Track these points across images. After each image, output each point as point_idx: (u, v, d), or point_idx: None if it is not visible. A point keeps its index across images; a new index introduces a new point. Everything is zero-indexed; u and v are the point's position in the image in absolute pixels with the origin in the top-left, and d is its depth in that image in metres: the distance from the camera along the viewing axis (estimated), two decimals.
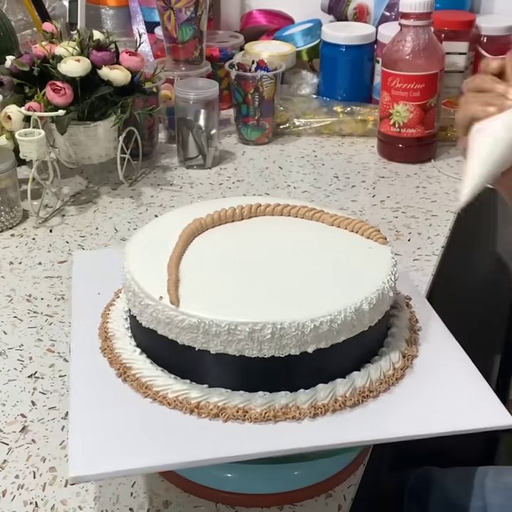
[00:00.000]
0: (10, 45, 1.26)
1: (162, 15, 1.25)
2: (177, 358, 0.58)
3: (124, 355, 0.61)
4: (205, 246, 0.64)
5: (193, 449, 0.53)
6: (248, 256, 0.63)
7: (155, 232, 0.67)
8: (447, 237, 1.01)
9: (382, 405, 0.57)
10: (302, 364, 0.56)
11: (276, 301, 0.56)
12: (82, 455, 0.52)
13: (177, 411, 0.56)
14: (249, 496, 0.61)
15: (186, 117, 1.18)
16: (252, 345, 0.54)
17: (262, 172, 1.20)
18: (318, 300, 0.56)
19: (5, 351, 0.79)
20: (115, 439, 0.54)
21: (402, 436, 0.55)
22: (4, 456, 0.66)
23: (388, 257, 0.63)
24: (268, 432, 0.54)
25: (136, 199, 1.12)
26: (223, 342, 0.54)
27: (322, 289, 0.58)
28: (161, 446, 0.53)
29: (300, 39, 1.43)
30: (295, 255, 0.63)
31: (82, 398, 0.57)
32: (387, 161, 1.23)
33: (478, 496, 0.79)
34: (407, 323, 0.65)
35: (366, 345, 0.60)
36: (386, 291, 0.58)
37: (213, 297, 0.57)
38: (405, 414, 0.57)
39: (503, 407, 0.56)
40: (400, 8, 1.14)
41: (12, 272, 0.94)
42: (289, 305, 0.56)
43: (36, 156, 1.00)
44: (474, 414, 0.56)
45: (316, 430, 0.54)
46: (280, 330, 0.53)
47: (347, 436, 0.55)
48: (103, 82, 1.04)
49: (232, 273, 0.60)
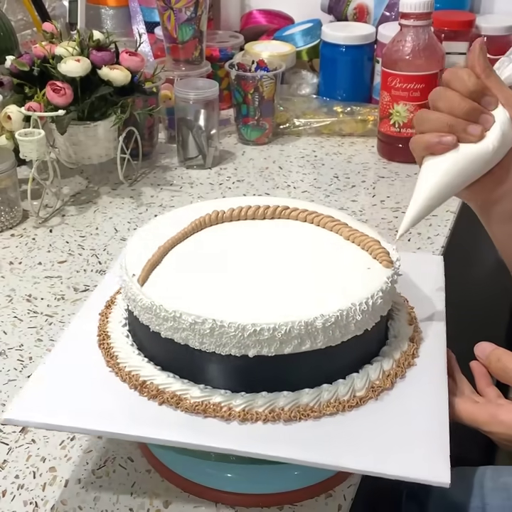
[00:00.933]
0: (10, 45, 1.26)
1: (162, 15, 1.25)
2: (140, 334, 0.61)
3: (115, 344, 0.62)
4: (207, 239, 0.65)
5: (121, 422, 0.55)
6: (239, 256, 0.63)
7: (156, 230, 0.67)
8: (447, 237, 1.01)
9: (332, 426, 0.55)
10: (260, 367, 0.56)
11: (238, 301, 0.56)
12: (24, 402, 0.57)
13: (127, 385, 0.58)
14: (249, 496, 0.61)
15: (186, 117, 1.18)
16: (194, 337, 0.55)
17: (262, 172, 1.20)
18: (283, 306, 0.56)
19: (5, 351, 0.79)
20: (62, 396, 0.57)
21: (324, 464, 0.53)
22: (4, 456, 0.66)
23: (382, 279, 0.59)
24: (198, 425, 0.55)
25: (136, 199, 1.12)
26: (170, 328, 0.56)
27: (295, 295, 0.57)
28: (96, 413, 0.56)
29: (300, 39, 1.43)
30: (285, 260, 0.62)
31: (58, 355, 0.62)
32: (387, 161, 1.23)
33: (477, 496, 0.79)
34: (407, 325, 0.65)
35: (321, 363, 0.57)
36: (345, 316, 0.55)
37: (179, 287, 0.58)
38: (346, 441, 0.54)
39: (448, 464, 0.52)
40: (399, 8, 1.14)
41: (12, 271, 0.94)
42: (249, 306, 0.56)
43: (36, 156, 1.00)
44: (414, 464, 0.52)
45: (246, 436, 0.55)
46: (220, 327, 0.54)
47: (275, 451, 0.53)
48: (103, 82, 1.04)
49: (213, 270, 0.60)
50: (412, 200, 0.65)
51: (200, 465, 0.61)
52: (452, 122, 0.63)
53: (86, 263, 0.95)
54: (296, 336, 0.54)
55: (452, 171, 0.64)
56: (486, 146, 0.63)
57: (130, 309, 0.60)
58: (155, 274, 0.60)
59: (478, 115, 0.63)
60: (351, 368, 0.59)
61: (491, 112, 0.64)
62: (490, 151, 0.63)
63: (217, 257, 0.63)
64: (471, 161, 0.64)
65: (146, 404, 0.57)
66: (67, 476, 0.64)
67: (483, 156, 0.64)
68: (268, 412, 0.55)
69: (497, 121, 0.64)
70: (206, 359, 0.56)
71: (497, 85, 0.64)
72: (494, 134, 0.63)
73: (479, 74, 0.64)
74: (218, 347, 0.55)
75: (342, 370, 0.58)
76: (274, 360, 0.55)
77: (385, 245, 0.64)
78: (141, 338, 0.62)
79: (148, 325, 0.58)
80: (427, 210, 0.66)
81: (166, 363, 0.59)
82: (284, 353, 0.54)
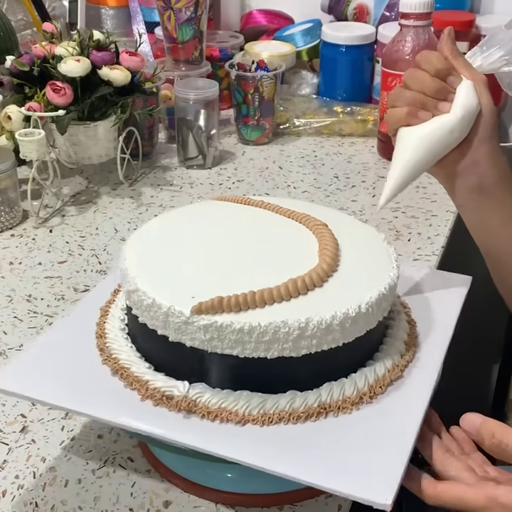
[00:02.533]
0: (10, 45, 1.26)
1: (162, 15, 1.25)
2: (136, 329, 0.61)
3: (113, 345, 0.62)
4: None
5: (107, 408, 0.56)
6: (239, 253, 0.62)
7: (154, 232, 0.67)
8: (447, 237, 1.01)
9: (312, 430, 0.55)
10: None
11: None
12: (15, 372, 0.59)
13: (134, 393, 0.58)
14: (249, 496, 0.61)
15: (186, 117, 1.18)
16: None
17: (262, 172, 1.20)
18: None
19: (5, 351, 0.79)
20: (52, 373, 0.59)
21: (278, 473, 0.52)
22: (4, 456, 0.66)
23: (385, 279, 0.59)
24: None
25: (136, 199, 1.12)
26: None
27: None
28: (79, 394, 0.57)
29: (300, 39, 1.43)
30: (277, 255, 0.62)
31: (55, 335, 0.64)
32: (387, 161, 1.23)
33: None
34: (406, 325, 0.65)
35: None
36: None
37: (176, 283, 0.58)
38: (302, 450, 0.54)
39: (393, 490, 0.49)
40: (399, 8, 1.14)
41: (12, 272, 0.94)
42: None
43: (36, 156, 1.00)
44: (357, 484, 0.51)
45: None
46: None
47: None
48: (103, 82, 1.04)
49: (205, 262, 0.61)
50: (391, 171, 0.70)
51: (200, 465, 0.61)
52: (425, 101, 0.69)
53: (86, 263, 0.95)
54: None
55: (427, 141, 0.69)
56: (454, 117, 0.69)
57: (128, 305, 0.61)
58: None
59: (446, 94, 0.69)
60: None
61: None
62: (456, 119, 0.69)
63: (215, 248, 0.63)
64: (444, 131, 0.69)
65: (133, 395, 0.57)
66: (67, 476, 0.64)
67: (453, 124, 0.69)
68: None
69: (460, 95, 0.69)
70: (207, 359, 0.56)
71: (463, 64, 0.70)
72: (458, 106, 0.69)
73: (447, 55, 0.70)
74: (219, 347, 0.54)
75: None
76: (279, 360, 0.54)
77: (385, 245, 0.64)
78: (134, 331, 0.62)
79: (155, 330, 0.57)
80: (406, 182, 0.70)
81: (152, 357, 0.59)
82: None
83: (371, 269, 0.61)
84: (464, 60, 0.70)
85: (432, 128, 0.69)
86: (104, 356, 0.61)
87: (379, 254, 0.63)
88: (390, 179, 0.69)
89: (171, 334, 0.56)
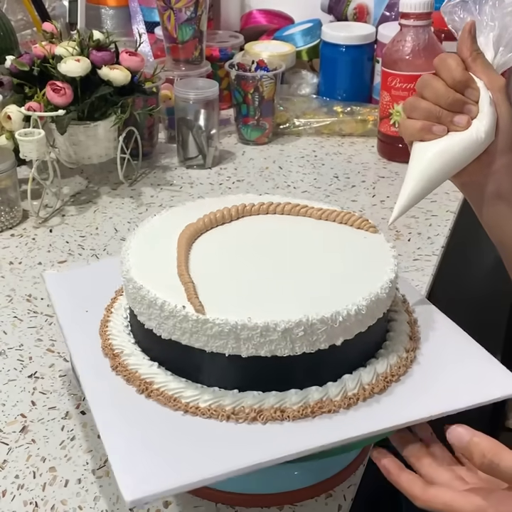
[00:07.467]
0: (10, 45, 1.26)
1: (162, 15, 1.25)
2: (203, 365, 0.57)
3: (141, 370, 0.59)
4: (205, 250, 0.64)
5: (239, 456, 0.52)
6: (249, 257, 0.63)
7: (150, 238, 0.66)
8: (447, 237, 1.01)
9: (404, 391, 0.58)
10: (331, 358, 0.56)
11: (295, 299, 0.57)
12: (131, 477, 0.51)
13: (212, 420, 0.55)
14: (249, 496, 0.61)
15: (186, 117, 1.18)
16: (284, 345, 0.54)
17: (262, 172, 1.20)
18: (334, 295, 0.57)
19: (5, 351, 0.79)
20: (157, 456, 0.52)
21: (429, 416, 0.55)
22: (4, 456, 0.66)
23: (386, 246, 0.64)
24: (304, 430, 0.55)
25: (136, 199, 1.12)
26: (255, 345, 0.54)
27: (331, 285, 0.59)
28: (206, 457, 0.52)
29: (300, 39, 1.43)
30: (296, 253, 0.63)
31: (108, 422, 0.55)
32: (387, 161, 1.23)
33: None
34: (407, 317, 0.65)
35: (370, 342, 0.60)
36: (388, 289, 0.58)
37: (233, 300, 0.57)
38: (426, 396, 0.57)
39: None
40: (399, 8, 1.14)
41: (12, 271, 0.94)
42: (302, 302, 0.56)
43: (36, 156, 1.00)
44: (488, 387, 0.58)
45: (351, 422, 0.55)
46: (311, 326, 0.54)
47: (382, 423, 0.55)
48: (103, 82, 1.04)
49: (241, 274, 0.60)
50: (404, 185, 0.67)
51: None
52: (440, 114, 0.66)
53: (86, 263, 0.95)
54: (314, 332, 0.54)
55: (441, 159, 0.66)
56: (474, 134, 0.66)
57: (186, 344, 0.57)
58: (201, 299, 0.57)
59: (461, 106, 0.66)
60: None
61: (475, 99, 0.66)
62: (476, 139, 0.66)
63: (229, 262, 0.62)
64: (460, 148, 0.66)
65: (239, 429, 0.55)
66: (67, 476, 0.64)
67: (471, 143, 0.66)
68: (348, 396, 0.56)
69: (482, 110, 0.66)
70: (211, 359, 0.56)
71: (483, 69, 0.66)
72: (480, 121, 0.66)
73: (466, 56, 0.66)
74: (308, 346, 0.55)
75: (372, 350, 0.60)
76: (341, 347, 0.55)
77: (386, 244, 0.65)
78: (195, 367, 0.58)
79: (221, 351, 0.56)
80: (419, 197, 0.67)
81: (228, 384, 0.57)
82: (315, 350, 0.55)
83: (370, 268, 0.61)
84: (483, 64, 0.66)
85: (447, 144, 0.66)
86: None
87: (378, 253, 0.63)
88: (403, 194, 0.67)
89: None
